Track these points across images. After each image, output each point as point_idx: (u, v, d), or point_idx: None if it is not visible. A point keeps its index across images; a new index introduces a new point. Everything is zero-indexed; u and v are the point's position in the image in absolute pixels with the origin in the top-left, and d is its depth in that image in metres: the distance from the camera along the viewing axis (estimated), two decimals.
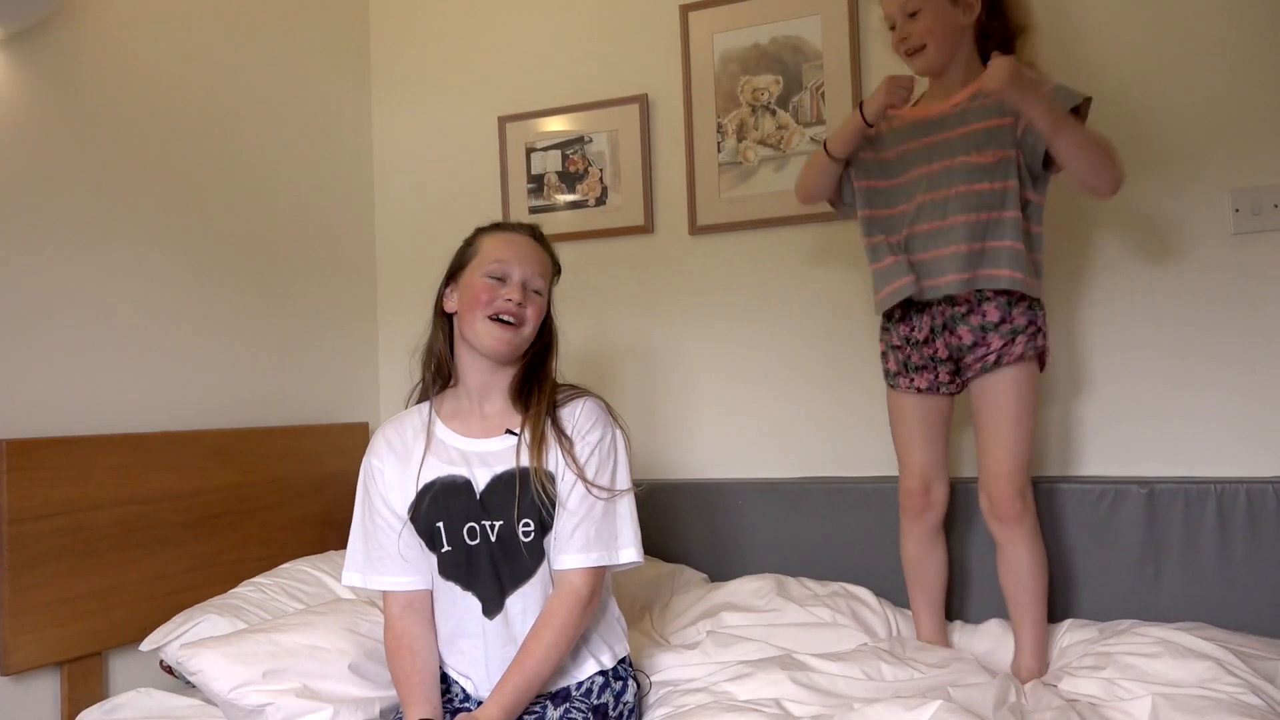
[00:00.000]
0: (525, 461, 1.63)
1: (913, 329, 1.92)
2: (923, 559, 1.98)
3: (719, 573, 2.37)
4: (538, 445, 1.63)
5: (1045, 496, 2.12)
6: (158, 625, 1.97)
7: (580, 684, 1.67)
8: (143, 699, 1.84)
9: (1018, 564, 1.86)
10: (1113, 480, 2.11)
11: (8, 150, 1.89)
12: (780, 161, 2.45)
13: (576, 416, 1.67)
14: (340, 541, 2.01)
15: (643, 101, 2.59)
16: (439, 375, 1.74)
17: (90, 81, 2.06)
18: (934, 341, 1.89)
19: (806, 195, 2.04)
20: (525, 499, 1.61)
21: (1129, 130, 2.16)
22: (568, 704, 1.61)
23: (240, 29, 2.46)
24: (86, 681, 1.92)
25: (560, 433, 1.65)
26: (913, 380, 1.94)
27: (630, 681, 1.73)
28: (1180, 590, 2.02)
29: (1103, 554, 2.09)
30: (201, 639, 1.77)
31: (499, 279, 1.66)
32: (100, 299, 2.05)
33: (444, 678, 1.70)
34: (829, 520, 2.29)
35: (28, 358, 1.90)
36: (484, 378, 1.69)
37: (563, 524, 1.62)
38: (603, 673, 1.69)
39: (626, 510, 1.67)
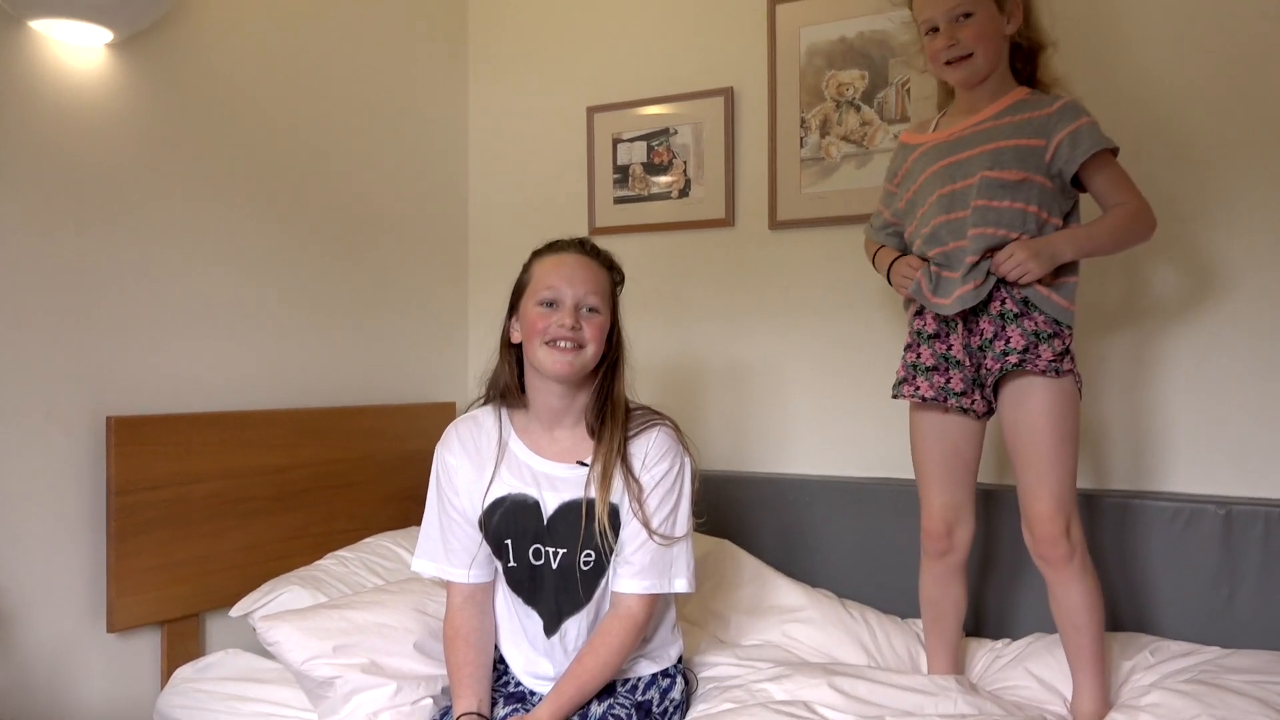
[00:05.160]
0: (593, 494, 1.67)
1: (924, 323, 1.82)
2: (941, 598, 1.91)
3: (787, 569, 2.39)
4: (607, 482, 1.66)
5: (1118, 513, 2.08)
6: (250, 590, 2.12)
7: (627, 680, 1.74)
8: (231, 659, 2.00)
9: (1069, 604, 1.75)
10: (1189, 498, 2.05)
11: (119, 144, 2.04)
12: (862, 158, 2.43)
13: (646, 451, 1.69)
14: (422, 518, 2.10)
15: (728, 94, 2.60)
16: (505, 401, 1.76)
17: (194, 76, 2.19)
18: (947, 337, 1.78)
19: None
20: (590, 532, 1.66)
21: (1238, 123, 2.07)
22: (612, 699, 1.67)
23: (342, 21, 2.56)
24: (184, 640, 2.09)
25: (628, 471, 1.67)
26: (918, 387, 1.81)
27: (679, 679, 1.79)
28: (1255, 615, 1.95)
29: (1176, 574, 2.04)
30: (279, 612, 1.91)
31: (550, 304, 1.66)
32: (202, 286, 2.20)
33: (501, 659, 1.79)
34: (895, 520, 2.28)
35: (135, 341, 2.06)
36: (555, 403, 1.70)
37: (623, 549, 1.67)
38: (653, 672, 1.76)
39: (684, 544, 1.71)
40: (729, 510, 2.46)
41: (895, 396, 1.88)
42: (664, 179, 2.70)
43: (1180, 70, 2.12)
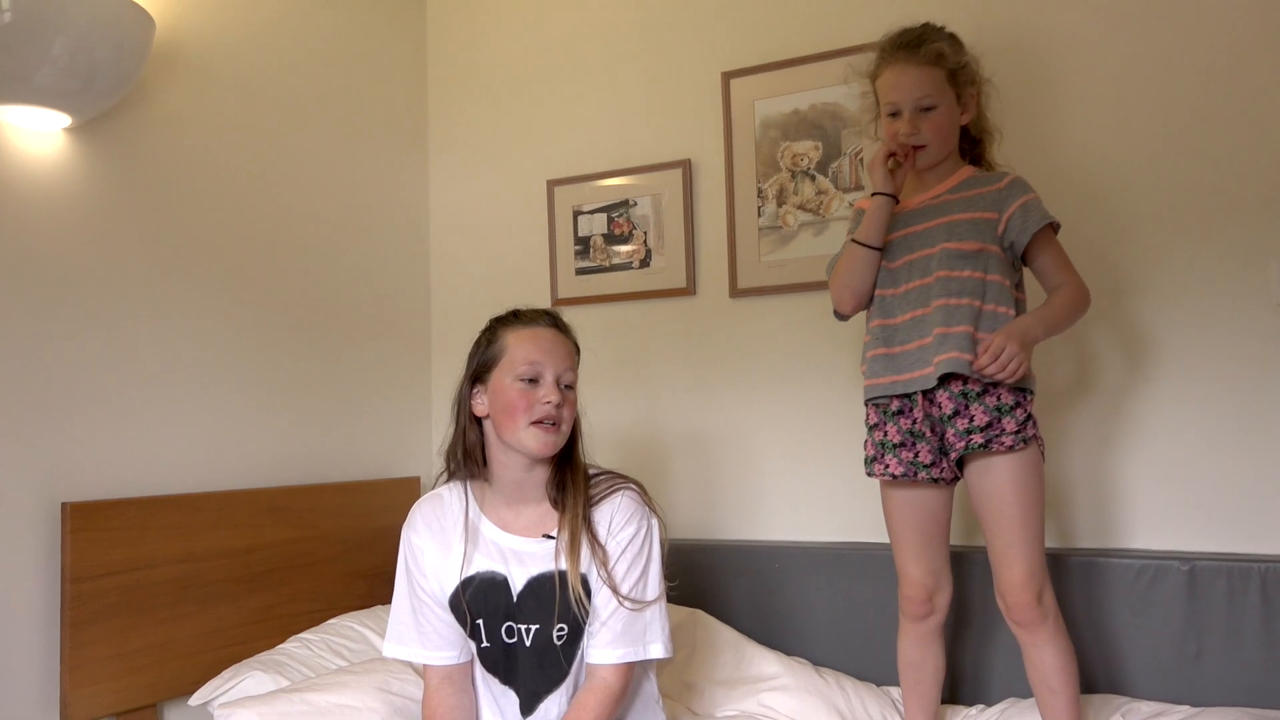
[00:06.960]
0: (562, 565, 1.63)
1: (889, 401, 1.83)
2: (921, 661, 1.90)
3: (760, 637, 2.37)
4: (575, 551, 1.62)
5: (1084, 570, 2.09)
6: (211, 677, 2.07)
7: None
8: None
9: (1044, 668, 1.75)
10: (1153, 555, 2.06)
11: (76, 229, 2.03)
12: (819, 226, 2.48)
13: (611, 517, 1.66)
14: (388, 596, 2.07)
15: (686, 166, 2.65)
16: (468, 473, 1.72)
17: (154, 160, 2.20)
18: (911, 412, 1.80)
19: (856, 299, 1.88)
20: (562, 604, 1.63)
21: (1169, 198, 2.14)
22: None
23: (301, 102, 2.59)
24: None
25: (594, 539, 1.64)
26: (888, 465, 1.83)
27: None
28: (1222, 671, 1.96)
29: (1142, 631, 2.04)
30: (238, 699, 1.86)
31: (532, 381, 1.63)
32: (159, 367, 2.18)
33: None
34: (867, 586, 2.28)
35: (90, 426, 2.03)
36: (519, 476, 1.68)
37: (596, 618, 1.64)
38: None
39: (657, 608, 1.67)
40: (699, 578, 2.44)
41: (869, 474, 1.88)
42: (625, 249, 2.73)
43: (1116, 148, 2.20)
